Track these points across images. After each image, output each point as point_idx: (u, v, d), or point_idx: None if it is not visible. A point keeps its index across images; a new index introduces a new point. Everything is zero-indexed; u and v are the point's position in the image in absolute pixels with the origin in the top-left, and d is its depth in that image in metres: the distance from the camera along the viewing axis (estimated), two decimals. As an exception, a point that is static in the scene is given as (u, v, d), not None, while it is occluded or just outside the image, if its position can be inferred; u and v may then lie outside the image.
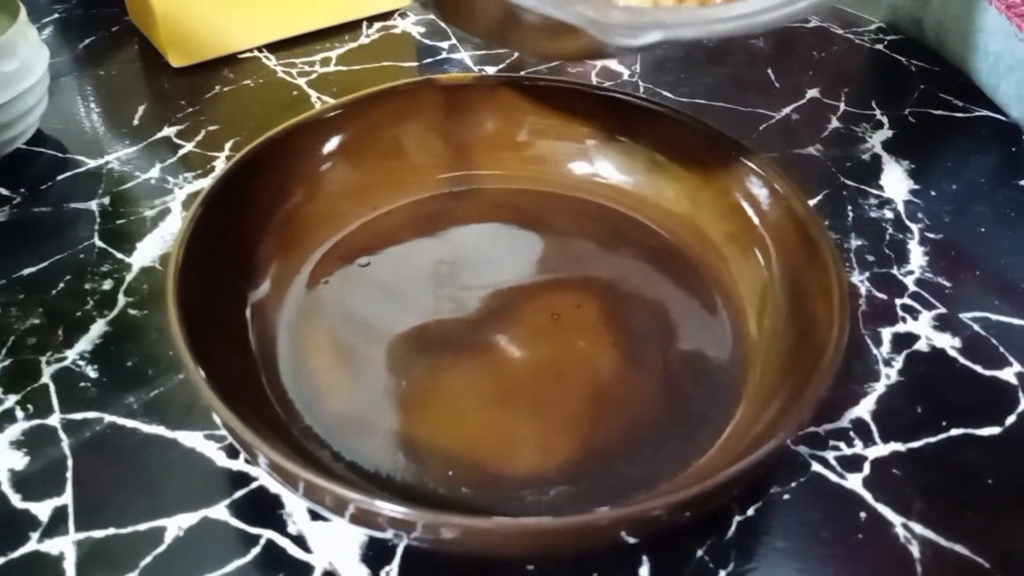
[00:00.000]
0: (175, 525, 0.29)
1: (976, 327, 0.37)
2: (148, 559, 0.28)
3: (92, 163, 0.45)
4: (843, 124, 0.49)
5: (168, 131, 0.47)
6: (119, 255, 0.39)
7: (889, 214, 0.42)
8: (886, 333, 0.36)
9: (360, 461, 0.30)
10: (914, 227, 0.42)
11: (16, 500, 0.30)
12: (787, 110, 0.50)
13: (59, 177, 0.44)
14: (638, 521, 0.25)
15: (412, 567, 0.28)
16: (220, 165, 0.45)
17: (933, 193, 0.44)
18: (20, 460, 0.31)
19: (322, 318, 0.35)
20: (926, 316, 0.37)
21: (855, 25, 0.58)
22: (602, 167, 0.40)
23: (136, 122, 0.48)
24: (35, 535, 0.28)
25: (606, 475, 0.30)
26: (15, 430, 0.32)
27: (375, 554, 0.28)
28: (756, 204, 0.35)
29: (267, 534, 0.29)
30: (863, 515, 0.30)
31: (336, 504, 0.24)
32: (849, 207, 0.43)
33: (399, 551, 0.28)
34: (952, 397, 0.34)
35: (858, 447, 0.32)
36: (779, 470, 0.31)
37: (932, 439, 0.32)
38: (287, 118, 0.38)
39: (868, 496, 0.30)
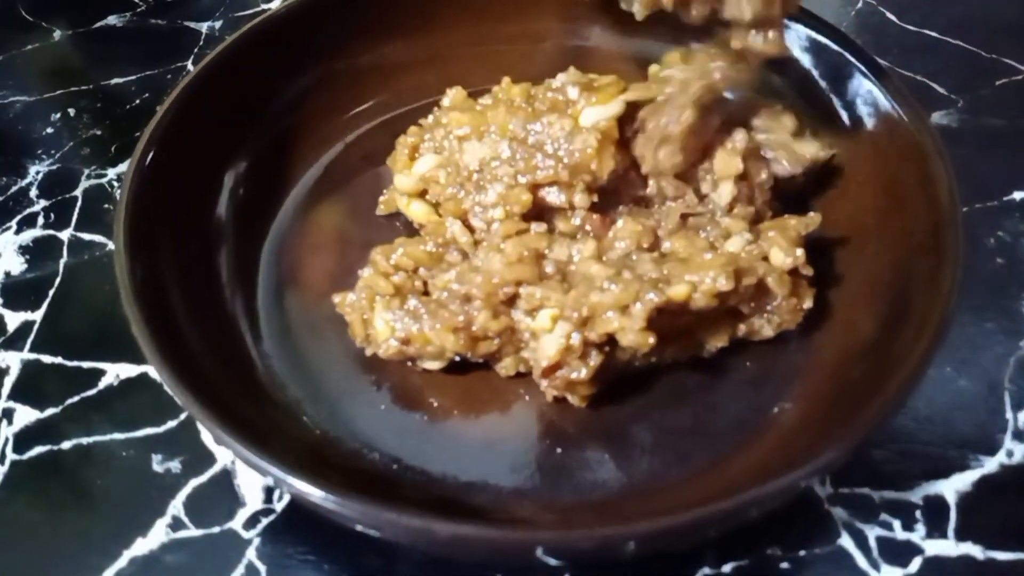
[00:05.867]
0: (115, 373, 0.28)
1: None
2: (75, 399, 0.27)
3: (226, -16, 0.43)
4: (1117, 99, 0.35)
5: (310, -36, 0.44)
6: (202, 83, 0.38)
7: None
8: (1039, 395, 0.26)
9: (280, 364, 0.26)
10: None
11: (-5, 304, 0.30)
12: (1045, 66, 0.37)
13: (206, -8, 0.42)
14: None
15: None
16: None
17: None
18: (19, 266, 0.31)
19: (341, 193, 0.31)
20: (1112, 387, 0.26)
21: None
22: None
23: (285, -51, 0.45)
24: (-7, 343, 0.29)
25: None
26: (28, 236, 0.32)
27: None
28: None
29: (191, 411, 0.27)
30: (877, 625, 0.22)
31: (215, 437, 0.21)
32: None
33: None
34: (1094, 510, 0.24)
35: (917, 533, 0.24)
36: (790, 528, 0.24)
37: (1032, 557, 0.23)
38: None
39: (898, 603, 0.23)
